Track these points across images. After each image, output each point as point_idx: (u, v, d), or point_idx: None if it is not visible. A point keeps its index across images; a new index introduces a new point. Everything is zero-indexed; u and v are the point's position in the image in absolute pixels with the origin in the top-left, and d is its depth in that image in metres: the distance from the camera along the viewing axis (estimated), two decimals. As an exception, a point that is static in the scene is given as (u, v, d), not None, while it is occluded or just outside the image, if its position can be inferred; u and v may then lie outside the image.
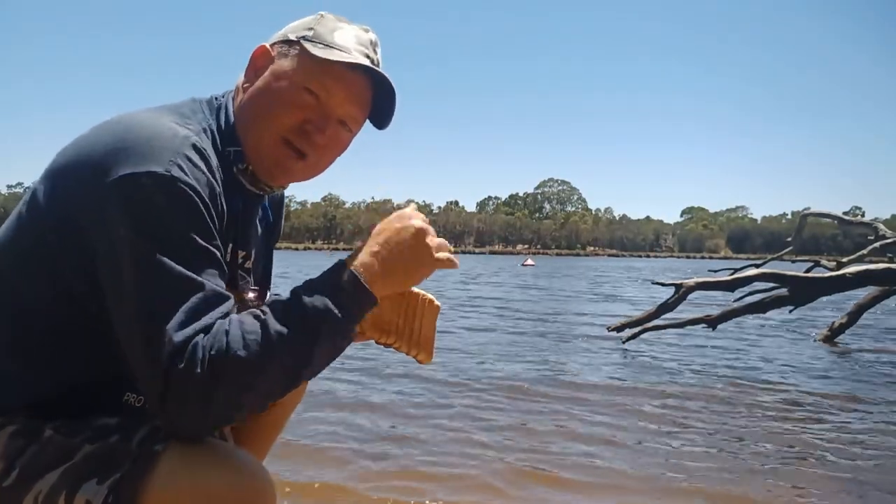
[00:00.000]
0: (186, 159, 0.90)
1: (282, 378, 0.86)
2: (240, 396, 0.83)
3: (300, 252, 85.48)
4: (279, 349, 0.83)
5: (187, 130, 0.95)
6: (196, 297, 0.84)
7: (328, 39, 1.02)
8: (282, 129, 1.01)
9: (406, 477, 2.57)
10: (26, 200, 0.97)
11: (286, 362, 0.85)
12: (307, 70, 1.01)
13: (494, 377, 4.61)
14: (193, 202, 0.88)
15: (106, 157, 0.88)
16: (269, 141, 1.02)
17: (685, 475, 2.67)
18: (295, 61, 1.02)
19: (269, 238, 1.26)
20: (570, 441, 3.10)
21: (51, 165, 0.96)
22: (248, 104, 1.04)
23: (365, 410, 3.60)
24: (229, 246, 1.09)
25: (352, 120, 1.06)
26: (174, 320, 0.82)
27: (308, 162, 1.05)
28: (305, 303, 0.87)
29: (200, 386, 0.80)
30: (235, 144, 1.03)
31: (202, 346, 0.81)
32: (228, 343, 0.81)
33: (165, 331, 0.81)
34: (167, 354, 0.80)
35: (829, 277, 6.32)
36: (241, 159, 1.04)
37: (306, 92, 1.01)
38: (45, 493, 0.86)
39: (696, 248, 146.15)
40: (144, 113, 0.98)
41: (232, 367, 0.80)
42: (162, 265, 0.84)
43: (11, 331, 0.95)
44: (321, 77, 1.01)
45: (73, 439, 0.90)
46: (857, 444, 3.16)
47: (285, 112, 1.01)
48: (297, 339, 0.85)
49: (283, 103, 1.01)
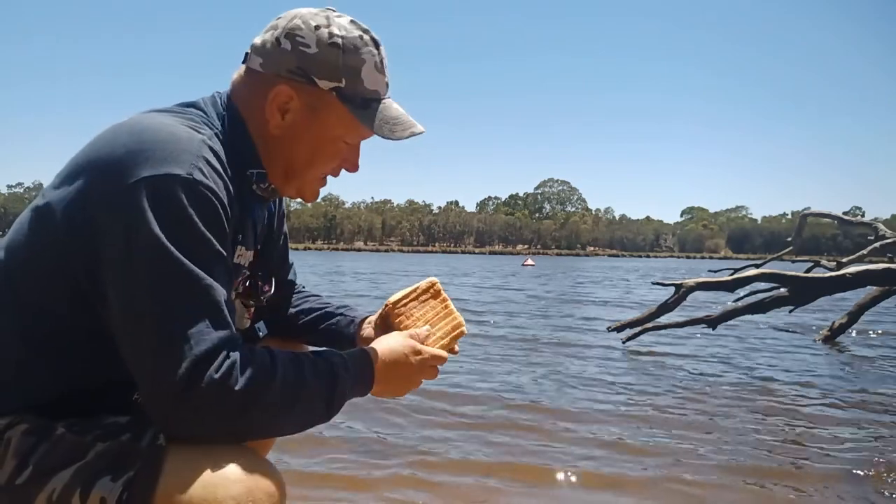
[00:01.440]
0: (206, 162, 0.92)
1: (296, 419, 0.94)
2: (261, 424, 0.90)
3: (300, 252, 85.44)
4: (308, 397, 0.93)
5: (202, 134, 0.97)
6: (219, 303, 0.87)
7: (361, 90, 1.05)
8: (324, 173, 1.13)
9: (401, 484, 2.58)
10: (38, 204, 0.97)
11: (306, 408, 0.94)
12: (347, 129, 1.08)
13: (494, 377, 4.63)
14: (213, 205, 0.90)
15: (125, 158, 0.89)
16: (308, 181, 1.13)
17: (685, 475, 2.68)
18: (336, 119, 1.06)
19: (273, 227, 1.29)
20: (569, 441, 3.12)
21: (66, 167, 0.97)
22: (286, 147, 1.08)
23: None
24: (238, 248, 1.12)
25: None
26: (200, 323, 0.84)
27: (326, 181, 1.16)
28: (337, 380, 0.97)
29: (234, 402, 0.84)
30: (257, 166, 1.08)
31: (242, 363, 0.86)
32: (273, 376, 0.88)
33: (192, 332, 0.83)
34: (196, 356, 0.82)
35: (829, 277, 6.32)
36: (263, 179, 1.10)
37: (344, 143, 1.10)
38: (60, 490, 0.87)
39: (696, 249, 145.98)
40: (158, 115, 1.00)
41: (268, 399, 0.87)
42: (186, 266, 0.85)
43: (22, 330, 0.95)
44: (361, 132, 1.10)
45: (85, 437, 0.91)
46: (857, 444, 3.17)
47: (326, 163, 1.11)
48: (321, 396, 0.95)
49: (328, 157, 1.10)
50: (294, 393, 0.90)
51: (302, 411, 0.93)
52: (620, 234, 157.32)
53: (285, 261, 1.39)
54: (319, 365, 0.96)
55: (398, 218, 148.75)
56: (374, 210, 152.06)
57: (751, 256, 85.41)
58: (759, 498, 2.48)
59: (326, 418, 0.97)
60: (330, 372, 0.97)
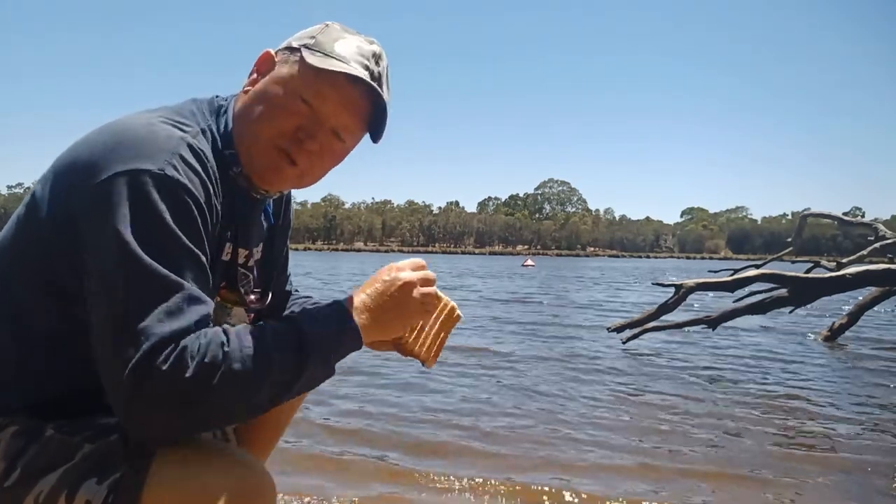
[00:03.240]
0: (181, 159, 0.90)
1: (264, 399, 0.87)
2: (221, 409, 0.83)
3: (300, 252, 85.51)
4: (272, 371, 0.85)
5: (184, 132, 0.95)
6: (177, 296, 0.83)
7: (328, 49, 1.01)
8: (274, 134, 1.01)
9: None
10: (25, 202, 0.97)
11: (273, 384, 0.86)
12: (303, 78, 1.00)
13: (494, 377, 4.62)
14: (184, 201, 0.88)
15: (101, 156, 0.89)
16: (262, 146, 1.02)
17: (684, 475, 2.67)
18: (293, 68, 1.02)
19: (275, 237, 1.26)
20: (569, 442, 3.11)
21: (50, 167, 0.97)
22: (245, 108, 1.04)
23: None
24: (227, 245, 1.09)
25: (345, 130, 1.04)
26: (153, 316, 0.80)
27: (299, 169, 1.04)
28: (304, 334, 0.89)
29: (186, 391, 0.79)
30: (232, 147, 1.04)
31: (191, 349, 0.80)
32: (227, 354, 0.82)
33: (143, 326, 0.80)
34: (144, 350, 0.78)
35: (829, 278, 6.32)
36: (236, 162, 1.04)
37: (300, 100, 1.00)
38: (46, 493, 0.86)
39: (696, 249, 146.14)
40: (143, 115, 0.99)
41: (225, 379, 0.81)
42: (144, 261, 0.83)
43: (11, 331, 0.95)
44: (316, 85, 1.00)
45: (74, 439, 0.90)
46: (857, 444, 3.16)
47: (278, 118, 1.01)
48: (288, 366, 0.87)
49: (277, 110, 1.01)
50: (256, 367, 0.84)
51: (271, 381, 0.86)
52: (620, 234, 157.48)
53: (284, 271, 1.37)
54: (280, 330, 0.89)
55: (398, 218, 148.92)
56: (374, 210, 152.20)
57: (751, 257, 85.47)
58: (759, 497, 2.47)
59: (311, 376, 0.90)
60: (295, 330, 0.90)
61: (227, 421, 0.88)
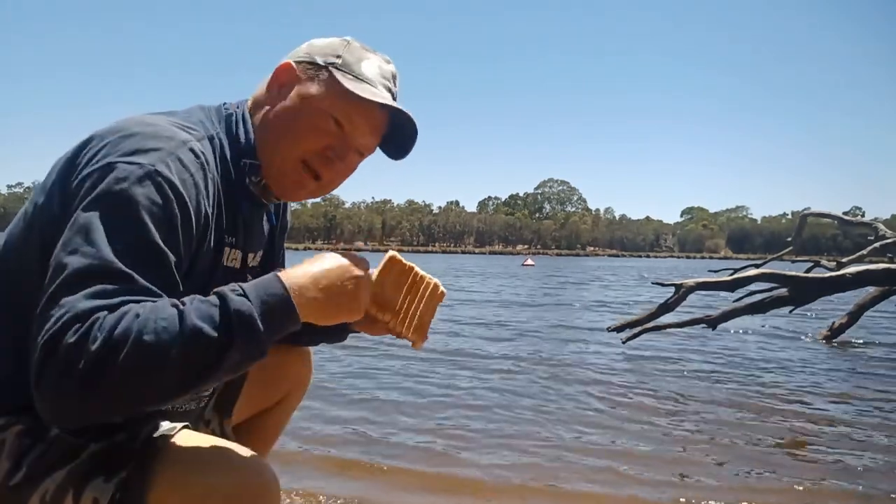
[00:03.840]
0: (178, 160, 0.91)
1: (180, 377, 0.77)
2: (129, 385, 0.75)
3: (300, 252, 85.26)
4: (189, 345, 0.77)
5: (189, 136, 0.97)
6: (120, 284, 0.79)
7: (356, 70, 1.05)
8: (305, 151, 1.04)
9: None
10: (31, 198, 0.98)
11: (192, 361, 0.77)
12: (336, 100, 1.03)
13: (492, 375, 4.62)
14: (168, 198, 0.88)
15: (102, 149, 0.90)
16: (292, 162, 1.05)
17: (685, 475, 2.68)
18: (324, 88, 1.04)
19: (275, 239, 1.28)
20: (568, 442, 3.11)
21: (56, 162, 0.97)
22: (273, 122, 1.06)
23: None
24: (233, 251, 1.09)
25: (367, 149, 1.11)
26: (84, 292, 0.77)
27: (321, 183, 1.08)
28: (230, 305, 0.80)
29: (90, 362, 0.73)
30: (252, 157, 1.06)
31: (103, 320, 0.75)
32: (139, 325, 0.75)
33: (69, 298, 0.77)
34: (62, 320, 0.75)
35: (829, 278, 6.32)
36: (255, 172, 1.06)
37: (332, 120, 1.04)
38: (53, 491, 0.86)
39: (696, 249, 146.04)
40: (150, 116, 1.00)
41: (134, 350, 0.74)
42: (97, 243, 0.81)
43: (17, 329, 0.94)
44: (349, 109, 1.04)
45: (79, 438, 0.90)
46: (857, 444, 3.17)
47: (311, 137, 1.04)
48: (210, 340, 0.78)
49: (309, 128, 1.04)
50: (171, 339, 0.76)
51: (187, 354, 0.77)
52: (620, 234, 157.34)
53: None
54: (206, 302, 0.82)
55: (398, 218, 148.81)
56: (375, 210, 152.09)
57: (751, 256, 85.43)
58: (759, 497, 2.47)
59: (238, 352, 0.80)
60: (223, 302, 0.81)
61: (129, 401, 0.77)
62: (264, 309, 0.83)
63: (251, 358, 0.83)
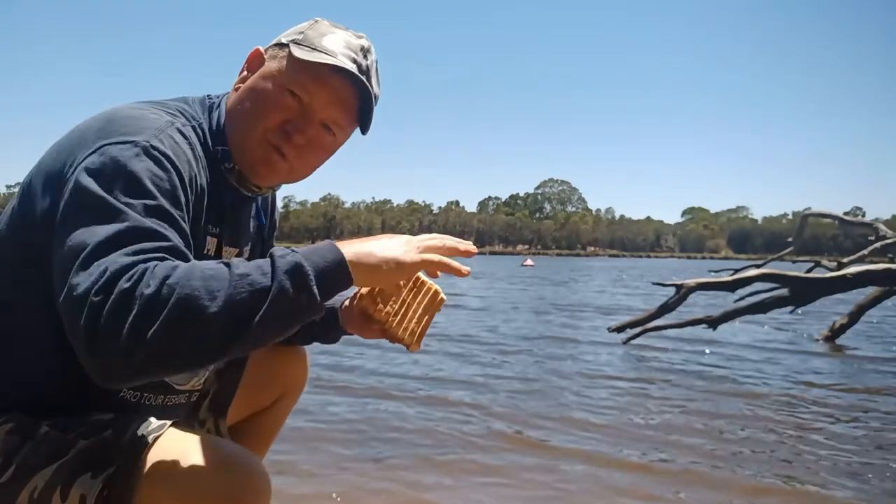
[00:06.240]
0: (169, 136, 0.93)
1: (226, 322, 0.75)
2: (178, 333, 0.73)
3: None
4: (238, 287, 0.75)
5: (174, 119, 0.98)
6: (155, 241, 0.80)
7: (315, 43, 1.02)
8: (264, 128, 1.02)
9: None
10: (19, 193, 0.97)
11: (239, 306, 0.75)
12: (291, 72, 1.02)
13: (493, 374, 4.62)
14: (167, 169, 0.88)
15: (91, 136, 0.90)
16: (253, 140, 1.03)
17: (683, 475, 2.66)
18: (282, 63, 1.03)
19: (263, 237, 1.26)
20: (567, 443, 3.10)
21: (43, 155, 0.97)
22: (236, 104, 1.06)
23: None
24: (211, 240, 1.07)
25: (334, 123, 1.05)
26: (121, 251, 0.77)
27: (290, 164, 1.05)
28: (276, 254, 0.81)
29: (145, 305, 0.72)
30: (224, 143, 1.05)
31: (154, 269, 0.75)
32: (187, 273, 0.75)
33: (109, 258, 0.76)
34: (110, 271, 0.74)
35: (830, 278, 6.31)
36: (228, 158, 1.05)
37: (288, 93, 1.02)
38: (41, 488, 0.86)
39: (696, 249, 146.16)
40: (136, 104, 1.01)
41: (187, 296, 0.73)
42: (122, 213, 0.80)
43: (5, 326, 0.94)
44: (303, 79, 1.01)
45: (68, 435, 0.90)
46: (858, 444, 3.15)
47: (267, 112, 1.02)
48: (257, 282, 0.77)
49: (266, 104, 1.02)
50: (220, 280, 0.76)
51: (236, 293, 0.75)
52: (621, 234, 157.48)
53: None
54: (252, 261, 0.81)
55: (398, 218, 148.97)
56: (374, 210, 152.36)
57: (751, 257, 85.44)
58: (759, 497, 2.46)
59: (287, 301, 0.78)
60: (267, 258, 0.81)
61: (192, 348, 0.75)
62: (315, 259, 0.81)
63: (301, 306, 0.79)
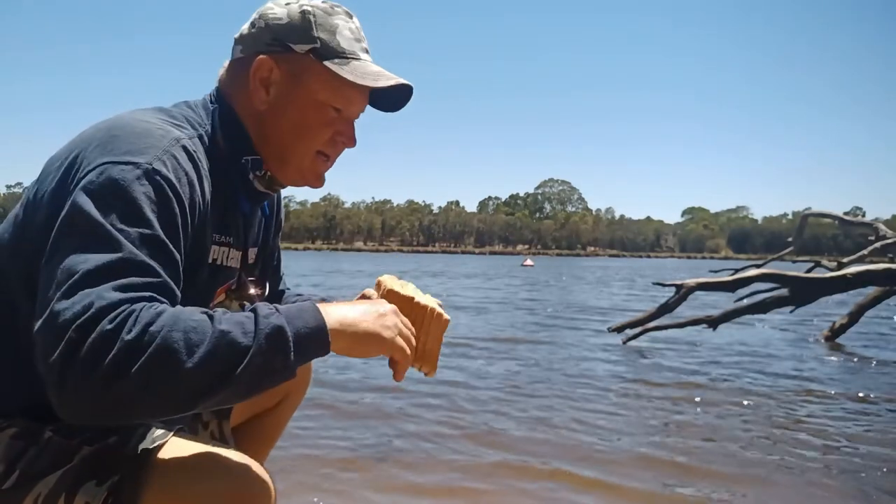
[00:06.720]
0: (173, 158, 0.90)
1: (202, 378, 0.75)
2: (153, 381, 0.73)
3: (300, 252, 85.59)
4: (217, 344, 0.76)
5: (182, 132, 0.96)
6: (145, 277, 0.79)
7: (338, 49, 1.04)
8: (319, 145, 1.09)
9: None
10: (22, 202, 0.96)
11: (217, 361, 0.76)
12: (331, 89, 1.05)
13: (492, 375, 4.62)
14: (167, 196, 0.87)
15: (94, 150, 0.89)
16: (307, 157, 1.09)
17: (683, 475, 2.67)
18: (319, 83, 1.04)
19: (269, 233, 1.28)
20: (567, 442, 3.10)
21: (45, 164, 0.96)
22: (275, 122, 1.06)
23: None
24: (218, 249, 1.07)
25: (359, 115, 1.13)
26: (110, 284, 0.76)
27: (332, 162, 1.13)
28: (260, 313, 0.81)
29: (124, 351, 0.71)
30: (251, 152, 1.07)
31: (139, 312, 0.74)
32: (171, 321, 0.75)
33: (96, 289, 0.75)
34: (95, 307, 0.73)
35: (830, 278, 6.31)
36: (259, 166, 1.08)
37: (332, 110, 1.06)
38: (45, 495, 0.86)
39: (696, 249, 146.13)
40: (139, 112, 0.99)
41: (164, 346, 0.73)
42: (115, 240, 0.79)
43: (8, 332, 0.94)
44: (348, 94, 1.06)
45: (72, 441, 0.90)
46: (858, 444, 3.16)
47: (322, 131, 1.07)
48: (236, 343, 0.77)
49: (318, 124, 1.07)
50: (201, 334, 0.76)
51: (215, 349, 0.75)
52: (621, 234, 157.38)
53: (277, 271, 1.37)
54: (238, 315, 0.82)
55: (398, 218, 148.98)
56: (374, 210, 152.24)
57: (751, 257, 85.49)
58: (758, 497, 2.46)
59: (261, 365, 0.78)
60: (252, 316, 0.81)
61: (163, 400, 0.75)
62: (297, 324, 0.83)
63: (274, 369, 0.80)
